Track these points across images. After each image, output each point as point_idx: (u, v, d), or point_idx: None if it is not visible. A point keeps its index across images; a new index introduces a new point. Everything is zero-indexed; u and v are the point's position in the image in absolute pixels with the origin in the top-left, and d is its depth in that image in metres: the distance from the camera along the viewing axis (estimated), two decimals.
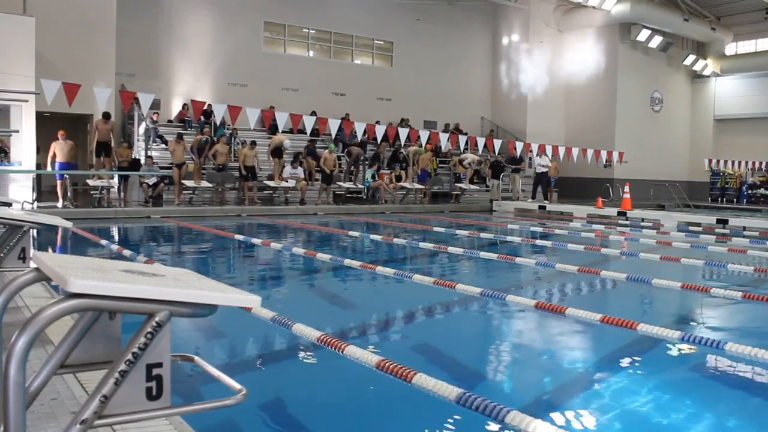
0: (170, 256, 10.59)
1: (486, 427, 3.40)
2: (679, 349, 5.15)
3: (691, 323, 6.56)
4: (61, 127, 16.46)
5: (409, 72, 26.37)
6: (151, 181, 17.23)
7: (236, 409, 2.24)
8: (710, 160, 27.55)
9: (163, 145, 19.07)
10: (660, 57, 28.31)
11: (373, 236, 12.95)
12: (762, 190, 27.69)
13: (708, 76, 29.75)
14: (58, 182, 15.45)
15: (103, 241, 10.82)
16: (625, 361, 5.02)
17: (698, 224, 16.45)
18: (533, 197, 22.50)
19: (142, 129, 19.28)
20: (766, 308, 6.73)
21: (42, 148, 16.45)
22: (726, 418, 3.92)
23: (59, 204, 15.21)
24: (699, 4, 28.78)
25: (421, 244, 11.42)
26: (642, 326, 5.28)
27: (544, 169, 22.26)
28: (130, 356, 1.94)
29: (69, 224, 4.78)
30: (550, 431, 3.08)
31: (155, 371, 2.03)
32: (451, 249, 10.77)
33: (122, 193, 16.85)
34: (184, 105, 21.43)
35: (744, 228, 15.59)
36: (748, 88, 28.89)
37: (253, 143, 18.88)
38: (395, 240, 12.22)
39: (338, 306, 7.24)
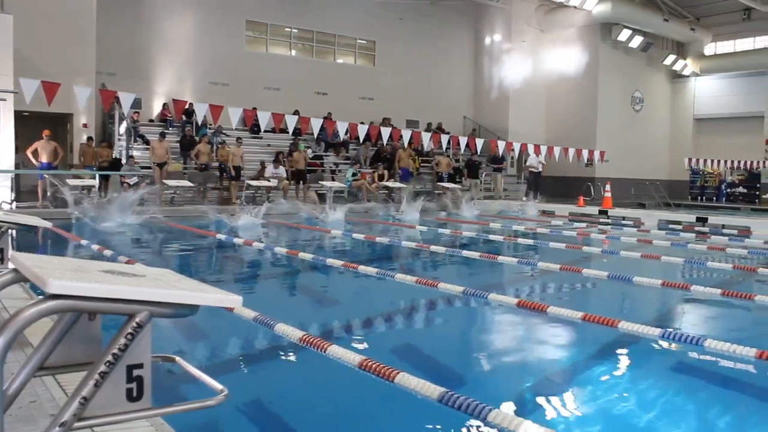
0: (152, 256, 10.52)
1: (469, 425, 3.41)
2: (660, 346, 5.19)
3: (672, 320, 6.62)
4: (45, 127, 16.32)
5: (391, 71, 26.38)
6: (132, 180, 17.11)
7: (218, 409, 2.23)
8: (690, 159, 27.82)
9: (144, 145, 18.96)
10: (641, 57, 28.54)
11: (355, 235, 12.92)
12: (740, 189, 28.02)
13: (688, 76, 30.03)
14: (39, 182, 15.31)
15: (84, 242, 10.72)
16: (607, 359, 5.06)
17: (678, 222, 16.60)
18: (526, 196, 22.57)
19: (122, 128, 19.15)
20: (744, 305, 6.80)
21: (20, 148, 16.28)
22: (706, 412, 3.96)
23: (38, 204, 15.06)
24: (678, 5, 29.03)
25: (404, 243, 11.42)
26: (623, 324, 5.32)
27: (535, 169, 22.45)
28: (110, 357, 1.92)
29: (48, 224, 4.74)
30: (532, 429, 3.09)
31: (136, 372, 2.02)
32: (433, 248, 10.79)
33: (103, 193, 16.70)
34: (165, 104, 21.32)
35: (723, 226, 15.74)
36: (727, 87, 29.21)
37: (239, 140, 18.89)
38: (377, 239, 12.22)
39: (321, 305, 7.24)
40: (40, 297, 1.83)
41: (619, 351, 5.25)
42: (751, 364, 4.56)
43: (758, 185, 27.55)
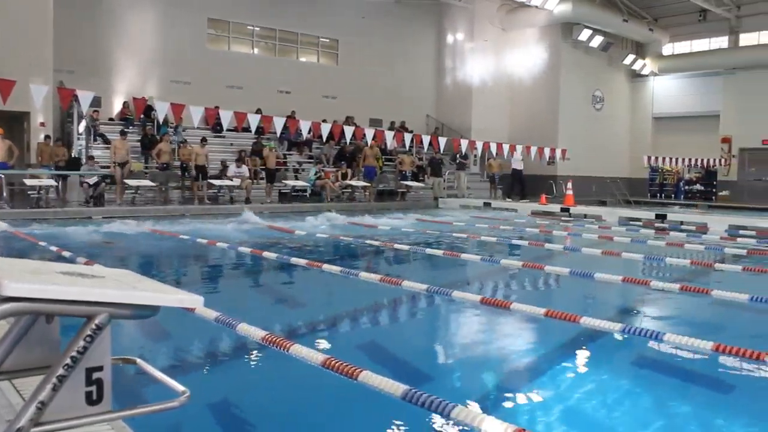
0: (112, 257, 10.35)
1: (432, 422, 3.43)
2: (621, 341, 5.27)
3: (632, 315, 6.73)
4: (0, 125, 15.95)
5: (354, 70, 26.34)
6: (92, 180, 16.82)
7: (180, 411, 2.21)
8: (649, 158, 28.28)
9: (104, 144, 18.68)
10: (601, 56, 28.92)
11: (320, 234, 12.89)
12: (698, 186, 28.61)
13: (646, 76, 30.53)
14: None
15: (41, 243, 10.49)
16: (569, 354, 5.12)
17: (638, 219, 16.87)
18: (521, 197, 22.51)
19: (82, 127, 18.82)
20: (702, 299, 6.94)
21: None
22: (665, 404, 4.03)
23: None
24: (637, 6, 29.52)
25: (368, 242, 11.43)
26: (585, 319, 5.39)
27: (520, 167, 22.56)
28: (68, 360, 1.89)
29: (4, 225, 4.64)
30: (494, 424, 3.11)
31: (95, 375, 1.99)
32: (397, 246, 10.81)
33: (61, 193, 16.43)
34: (125, 103, 21.01)
35: (681, 222, 16.06)
36: (684, 87, 29.78)
37: (203, 140, 18.79)
38: (342, 238, 12.20)
39: (284, 305, 7.20)
40: None
41: (581, 346, 5.32)
42: (708, 356, 4.66)
43: (715, 183, 28.18)
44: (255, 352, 4.84)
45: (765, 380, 4.39)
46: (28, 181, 15.80)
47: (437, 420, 3.40)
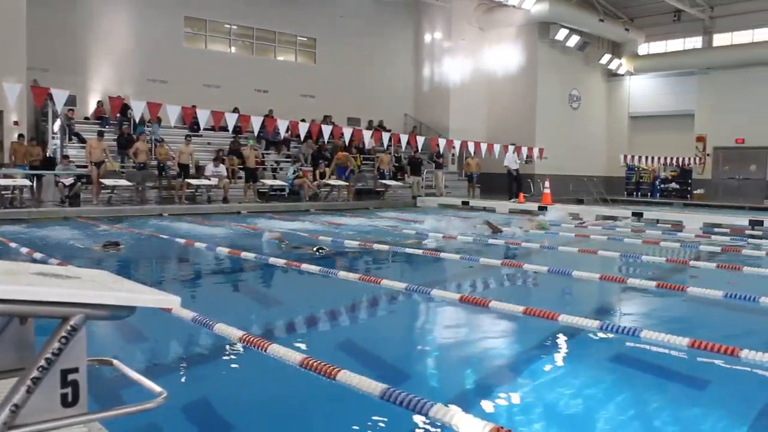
0: (88, 258, 10.23)
1: (411, 421, 3.43)
2: (599, 338, 5.31)
3: (609, 312, 6.78)
4: None
5: (332, 69, 26.31)
6: (68, 180, 16.63)
7: (157, 412, 2.19)
8: (625, 156, 28.54)
9: (80, 144, 18.47)
10: (577, 56, 29.15)
11: (299, 234, 12.84)
12: (673, 185, 28.92)
13: (622, 75, 30.83)
14: None
15: (12, 244, 10.32)
16: (548, 351, 5.15)
17: (615, 217, 17.02)
18: (509, 196, 22.35)
19: (56, 126, 18.60)
20: (678, 296, 7.02)
21: None
22: (642, 401, 4.07)
23: None
24: (613, 6, 29.77)
25: (347, 242, 11.41)
26: (563, 317, 5.43)
27: (515, 167, 22.54)
28: (43, 362, 1.87)
29: None
30: (473, 422, 3.12)
31: (71, 377, 1.96)
32: (376, 246, 10.80)
33: (35, 193, 16.23)
34: (99, 102, 20.80)
35: (657, 221, 16.23)
36: (659, 86, 30.11)
37: (188, 138, 18.71)
38: (320, 237, 12.17)
39: (263, 305, 7.17)
40: None
41: (559, 343, 5.35)
42: (684, 352, 4.71)
43: (690, 181, 28.50)
44: (232, 352, 4.82)
45: (739, 375, 4.45)
46: (2, 181, 15.57)
47: (416, 419, 3.40)
